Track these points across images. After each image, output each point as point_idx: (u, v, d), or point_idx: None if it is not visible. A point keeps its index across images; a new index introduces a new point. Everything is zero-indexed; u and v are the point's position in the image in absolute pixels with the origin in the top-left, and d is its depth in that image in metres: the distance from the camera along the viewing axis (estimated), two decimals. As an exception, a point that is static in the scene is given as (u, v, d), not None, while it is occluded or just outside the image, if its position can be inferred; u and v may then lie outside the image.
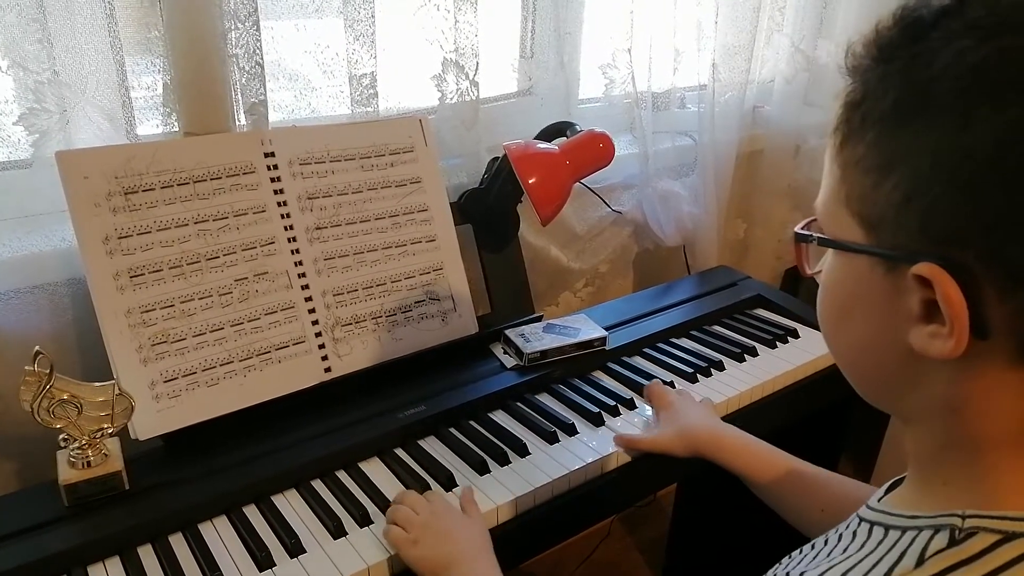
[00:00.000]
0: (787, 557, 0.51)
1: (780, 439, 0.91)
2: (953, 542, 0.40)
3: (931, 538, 0.41)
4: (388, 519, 0.81)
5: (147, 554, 0.78)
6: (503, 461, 0.91)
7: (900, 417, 0.48)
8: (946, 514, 0.41)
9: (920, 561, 0.41)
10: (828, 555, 0.46)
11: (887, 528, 0.44)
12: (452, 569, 0.74)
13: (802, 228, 0.49)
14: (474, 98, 1.19)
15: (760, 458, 0.87)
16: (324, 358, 0.99)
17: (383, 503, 0.84)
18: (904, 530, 0.43)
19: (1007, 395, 0.41)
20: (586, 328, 1.13)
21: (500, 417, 1.01)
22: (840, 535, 0.48)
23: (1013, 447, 0.42)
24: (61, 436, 0.81)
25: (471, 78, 1.17)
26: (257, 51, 0.98)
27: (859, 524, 0.47)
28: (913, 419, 0.47)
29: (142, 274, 0.88)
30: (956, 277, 0.38)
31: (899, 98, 0.40)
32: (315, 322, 0.99)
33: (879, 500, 0.49)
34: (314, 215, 1.00)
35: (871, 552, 0.43)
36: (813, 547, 0.50)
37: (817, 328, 0.51)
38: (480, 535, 0.79)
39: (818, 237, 0.47)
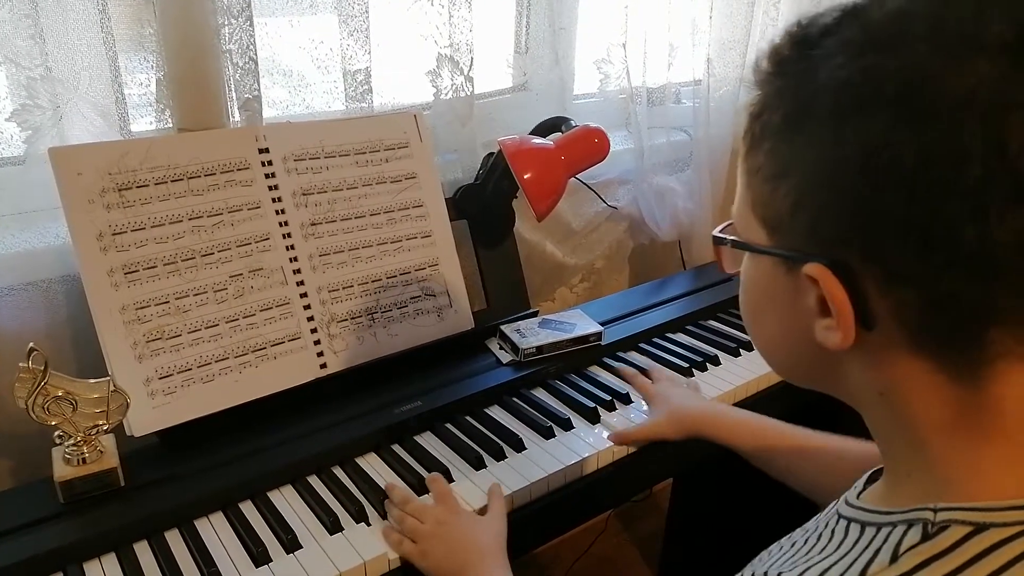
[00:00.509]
0: (766, 552, 0.51)
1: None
2: (926, 536, 0.41)
3: (904, 533, 0.42)
4: (394, 520, 0.81)
5: (143, 551, 0.78)
6: (499, 456, 0.92)
7: (844, 400, 0.50)
8: (918, 508, 0.42)
9: (895, 557, 0.41)
10: (806, 553, 0.47)
11: (863, 525, 0.45)
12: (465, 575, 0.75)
13: (720, 231, 0.52)
14: (469, 93, 1.19)
15: (761, 431, 0.88)
16: (320, 354, 0.99)
17: (379, 499, 0.84)
18: (879, 527, 0.44)
19: (919, 382, 0.43)
20: (582, 323, 1.13)
21: (496, 412, 1.01)
22: (820, 534, 0.49)
23: (951, 434, 0.43)
24: (56, 433, 0.81)
25: (466, 73, 1.17)
26: (251, 47, 0.98)
27: (838, 522, 0.48)
28: (856, 402, 0.49)
29: (136, 270, 0.88)
30: (839, 276, 0.41)
31: (787, 112, 0.43)
32: (310, 318, 0.99)
33: (858, 495, 0.50)
34: (309, 211, 1.00)
35: (848, 551, 0.44)
36: (793, 543, 0.50)
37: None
38: (492, 536, 0.79)
39: (731, 240, 0.50)
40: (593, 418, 0.99)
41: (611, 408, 1.02)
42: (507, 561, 0.77)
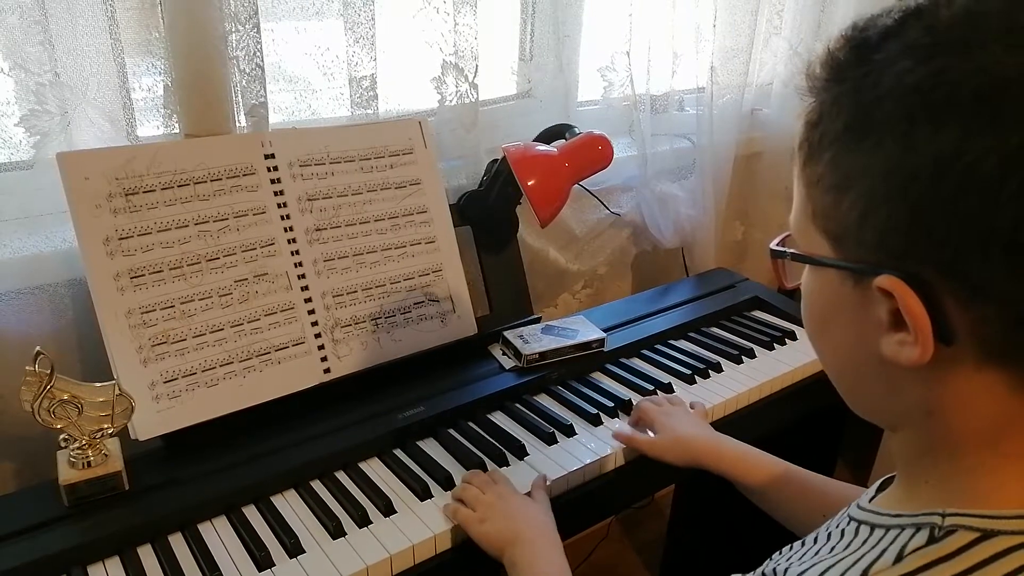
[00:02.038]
0: (777, 553, 0.51)
1: (777, 442, 0.91)
2: (932, 540, 0.41)
3: (912, 536, 0.42)
4: (454, 497, 0.84)
5: (147, 554, 0.78)
6: (501, 462, 0.92)
7: (885, 425, 0.49)
8: (927, 512, 0.42)
9: (899, 558, 0.41)
10: (816, 552, 0.47)
11: (873, 527, 0.45)
12: (516, 546, 0.77)
13: (777, 244, 0.50)
14: (473, 100, 1.19)
15: (759, 467, 0.87)
16: (323, 359, 1.00)
17: (382, 503, 0.84)
18: (888, 528, 0.44)
19: (978, 397, 0.42)
20: (584, 330, 1.13)
21: (499, 418, 1.01)
22: (829, 533, 0.49)
23: (989, 447, 0.43)
24: (61, 436, 0.82)
25: (470, 80, 1.18)
26: (257, 53, 0.99)
27: (848, 523, 0.48)
28: (896, 424, 0.48)
29: (142, 275, 0.88)
30: (916, 289, 0.39)
31: (849, 120, 0.41)
32: (314, 323, 0.99)
33: (869, 500, 0.50)
34: (314, 216, 1.00)
35: (855, 550, 0.44)
36: (803, 544, 0.51)
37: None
38: (544, 516, 0.82)
39: (791, 253, 0.49)
40: (595, 424, 0.99)
41: (614, 415, 1.02)
42: (559, 540, 0.79)
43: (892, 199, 0.39)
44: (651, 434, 0.96)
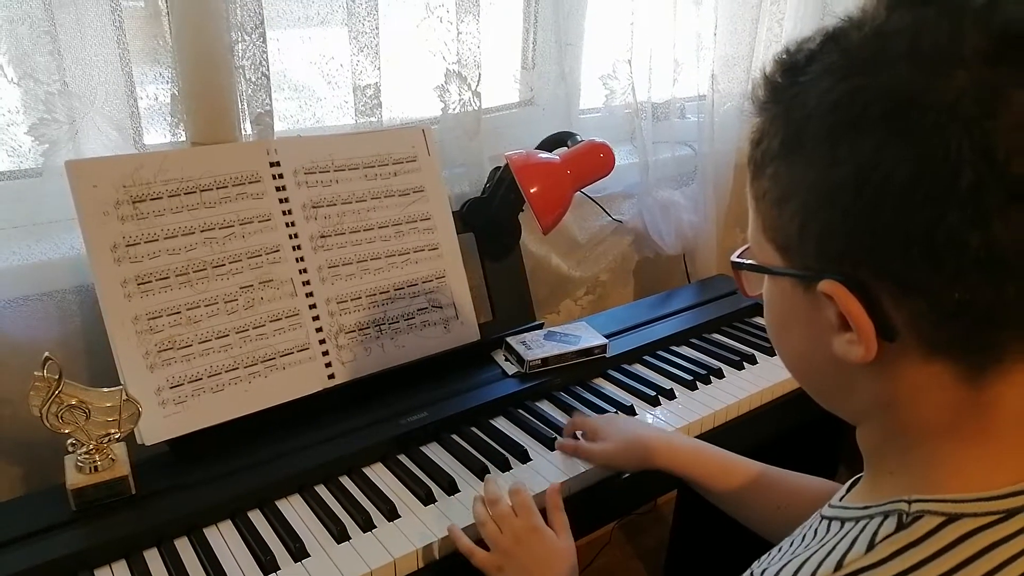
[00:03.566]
0: (765, 555, 0.52)
1: (779, 447, 0.92)
2: (901, 526, 0.43)
3: (880, 524, 0.44)
4: (476, 518, 0.81)
5: (153, 558, 0.79)
6: (504, 467, 0.92)
7: (849, 419, 0.51)
8: (893, 500, 0.44)
9: (871, 546, 0.43)
10: (792, 552, 0.48)
11: (843, 521, 0.47)
12: None
13: (737, 256, 0.53)
14: (476, 108, 1.21)
15: (714, 462, 0.85)
16: (328, 365, 1.00)
17: (386, 508, 0.85)
18: (857, 520, 0.46)
19: (928, 388, 0.44)
20: (587, 336, 1.14)
21: (502, 423, 1.02)
22: (804, 534, 0.51)
23: (946, 434, 0.45)
24: (69, 441, 0.83)
25: (473, 89, 1.19)
26: (263, 62, 1.00)
27: (820, 521, 0.50)
28: (858, 419, 0.50)
29: (149, 281, 0.89)
30: (853, 290, 0.42)
31: (784, 138, 0.44)
32: (319, 329, 1.00)
33: (840, 499, 0.51)
34: (318, 223, 1.01)
35: (827, 544, 0.45)
36: (780, 549, 0.52)
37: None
38: (567, 563, 0.77)
39: (748, 264, 0.51)
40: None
41: (616, 420, 1.02)
42: None
43: (824, 209, 0.42)
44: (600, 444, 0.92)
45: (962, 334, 0.41)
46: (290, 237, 0.99)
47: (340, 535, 0.81)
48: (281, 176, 0.99)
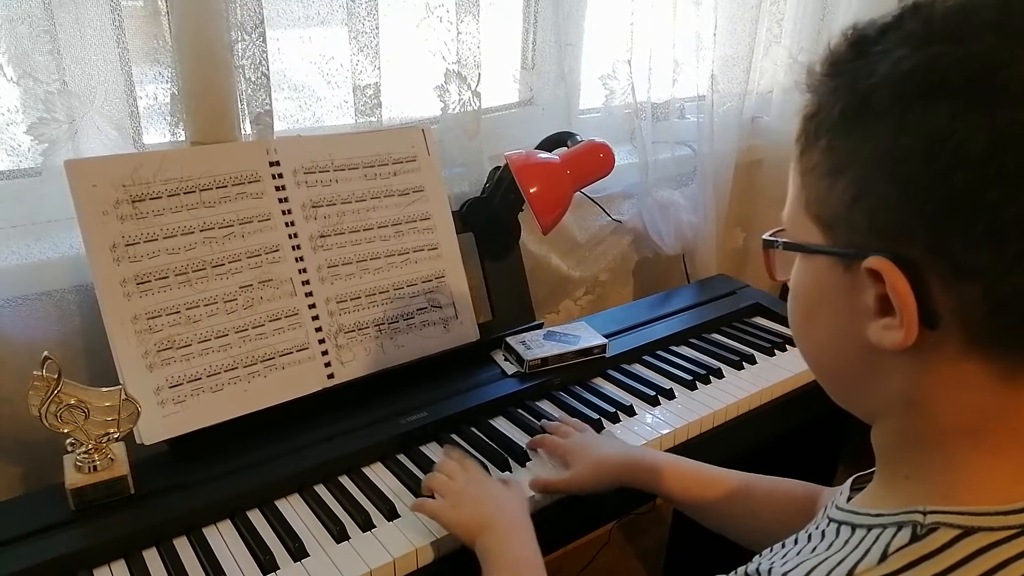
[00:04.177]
0: (758, 555, 0.52)
1: (779, 448, 0.92)
2: (915, 538, 0.42)
3: (894, 535, 0.43)
4: (423, 488, 0.83)
5: (152, 558, 0.78)
6: (504, 467, 0.92)
7: (865, 416, 0.50)
8: (908, 510, 0.43)
9: (883, 557, 0.42)
10: (798, 552, 0.47)
11: (854, 527, 0.46)
12: (487, 532, 0.75)
13: (770, 235, 0.51)
14: (476, 108, 1.21)
15: (683, 475, 0.84)
16: (327, 364, 1.00)
17: (385, 507, 0.85)
18: (869, 528, 0.45)
19: (960, 387, 0.42)
20: (586, 336, 1.14)
21: (501, 423, 1.02)
22: (810, 535, 0.49)
23: (970, 440, 0.43)
24: (68, 440, 0.82)
25: (473, 88, 1.19)
26: (263, 62, 1.00)
27: (828, 524, 0.49)
28: (876, 416, 0.49)
29: (148, 281, 0.89)
30: (903, 270, 0.40)
31: (845, 107, 0.43)
32: (318, 329, 1.00)
33: (847, 500, 0.50)
34: (318, 223, 1.01)
35: (838, 550, 0.45)
36: (784, 545, 0.51)
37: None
38: (518, 502, 0.80)
39: (782, 242, 0.50)
40: (597, 430, 1.00)
41: (615, 420, 1.02)
42: (531, 525, 0.76)
43: (882, 180, 0.41)
44: (565, 470, 0.90)
45: (1009, 327, 0.39)
46: (290, 237, 0.99)
47: (340, 535, 0.81)
48: (281, 176, 0.99)
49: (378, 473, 0.92)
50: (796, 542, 0.50)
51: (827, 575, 0.43)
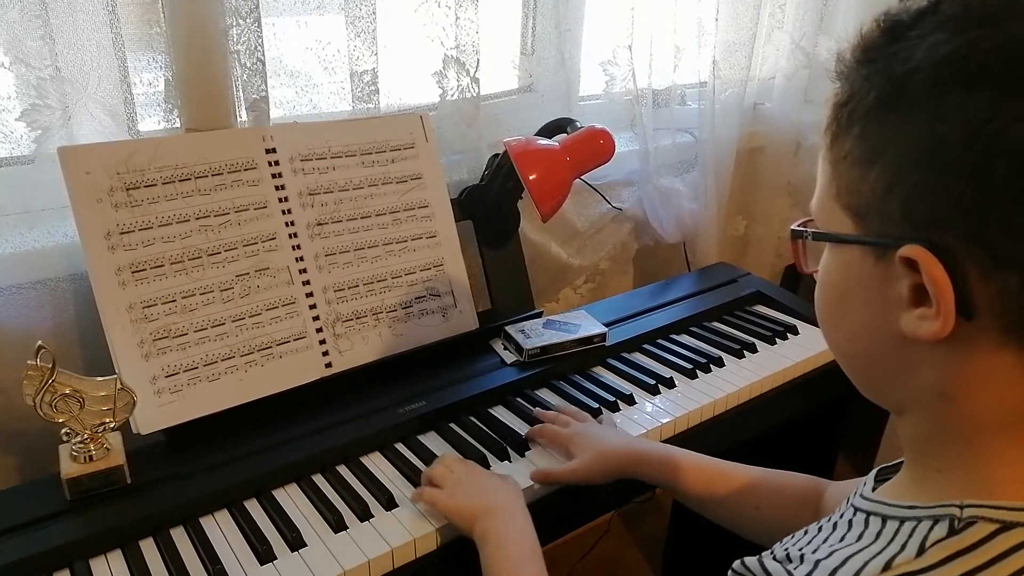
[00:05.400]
0: (778, 543, 0.51)
1: (779, 437, 0.91)
2: (952, 532, 0.41)
3: (931, 528, 0.42)
4: (423, 480, 0.84)
5: (149, 547, 0.78)
6: (503, 456, 0.92)
7: (894, 408, 0.49)
8: (945, 504, 0.42)
9: (921, 551, 0.42)
10: (825, 540, 0.47)
11: (884, 519, 0.45)
12: (486, 519, 0.76)
13: (798, 226, 0.50)
14: (475, 95, 1.19)
15: (689, 468, 0.83)
16: (325, 353, 1.00)
17: (383, 497, 0.84)
18: (903, 520, 0.44)
19: (995, 380, 0.42)
20: (586, 324, 1.13)
21: (500, 412, 1.01)
22: (835, 523, 0.49)
23: (1004, 434, 0.43)
24: (63, 430, 0.82)
25: (472, 75, 1.18)
26: (258, 48, 0.99)
27: (854, 513, 0.48)
28: (906, 408, 0.48)
29: (144, 269, 0.89)
30: (940, 258, 0.39)
31: (880, 93, 0.42)
32: (316, 317, 0.99)
33: (872, 490, 0.50)
34: (315, 211, 1.00)
35: (872, 542, 0.44)
36: (806, 532, 0.51)
37: (816, 324, 0.52)
38: (514, 493, 0.81)
39: (812, 232, 0.49)
40: (596, 418, 0.99)
41: (615, 409, 1.02)
42: (528, 512, 0.78)
43: (918, 167, 0.40)
44: (566, 460, 0.89)
45: None
46: (286, 225, 0.98)
47: (337, 525, 0.81)
48: (277, 163, 0.98)
49: (376, 463, 0.91)
50: (820, 530, 0.50)
51: (863, 566, 0.42)
